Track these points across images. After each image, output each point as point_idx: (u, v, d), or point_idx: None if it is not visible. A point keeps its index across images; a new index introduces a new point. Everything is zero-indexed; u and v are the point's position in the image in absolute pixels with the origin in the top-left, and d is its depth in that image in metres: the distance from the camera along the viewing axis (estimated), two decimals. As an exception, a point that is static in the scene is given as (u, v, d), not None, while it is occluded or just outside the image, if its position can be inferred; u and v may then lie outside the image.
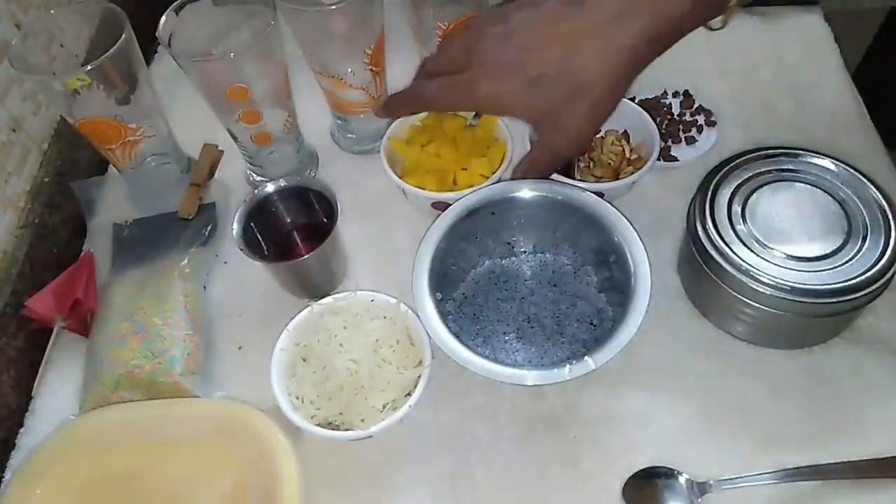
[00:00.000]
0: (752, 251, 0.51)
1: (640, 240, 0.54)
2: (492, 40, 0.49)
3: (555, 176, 0.60)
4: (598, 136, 0.67)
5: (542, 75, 0.47)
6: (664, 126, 0.70)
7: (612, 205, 0.56)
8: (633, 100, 0.68)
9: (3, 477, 0.56)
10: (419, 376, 0.52)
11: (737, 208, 0.54)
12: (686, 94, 0.72)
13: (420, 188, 0.60)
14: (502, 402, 0.56)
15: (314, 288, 0.61)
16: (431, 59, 0.56)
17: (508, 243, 0.62)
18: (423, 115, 0.63)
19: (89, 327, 0.60)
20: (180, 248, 0.63)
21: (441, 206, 0.58)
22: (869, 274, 0.49)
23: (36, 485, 0.53)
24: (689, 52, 0.77)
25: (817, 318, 0.52)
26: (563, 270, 0.61)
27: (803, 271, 0.50)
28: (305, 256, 0.56)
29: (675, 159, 0.68)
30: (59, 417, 0.58)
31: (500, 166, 0.60)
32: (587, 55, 0.46)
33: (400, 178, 0.61)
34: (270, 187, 0.60)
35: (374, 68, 0.64)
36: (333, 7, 0.56)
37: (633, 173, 0.61)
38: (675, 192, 0.64)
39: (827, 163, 0.55)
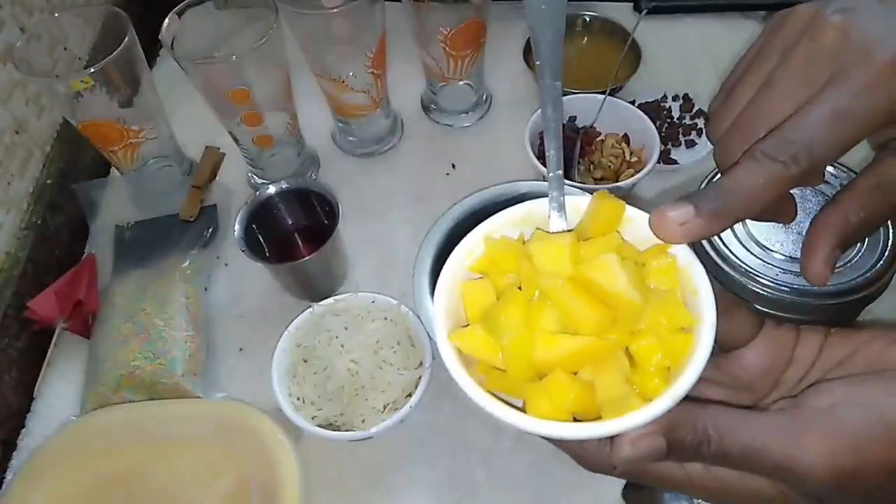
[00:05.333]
0: (751, 253, 0.51)
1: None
2: None
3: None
4: (598, 138, 0.68)
5: None
6: (664, 129, 0.70)
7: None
8: (633, 103, 0.68)
9: (4, 478, 0.56)
10: (420, 377, 0.52)
11: (736, 210, 0.54)
12: (686, 97, 0.73)
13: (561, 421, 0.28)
14: (502, 404, 0.56)
15: (315, 289, 0.61)
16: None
17: (509, 245, 0.62)
18: (471, 255, 0.33)
19: (91, 328, 0.61)
20: (181, 249, 0.64)
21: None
22: (867, 276, 0.49)
23: (37, 485, 0.53)
24: (689, 56, 0.78)
25: (816, 320, 0.52)
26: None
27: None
28: (307, 258, 0.56)
29: (675, 162, 0.68)
30: (61, 418, 0.58)
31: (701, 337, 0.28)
32: None
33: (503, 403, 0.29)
34: (272, 189, 0.60)
35: (375, 71, 0.64)
36: (335, 10, 0.57)
37: (632, 176, 0.61)
38: (674, 195, 0.64)
39: (825, 165, 0.55)
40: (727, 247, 0.52)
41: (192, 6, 0.58)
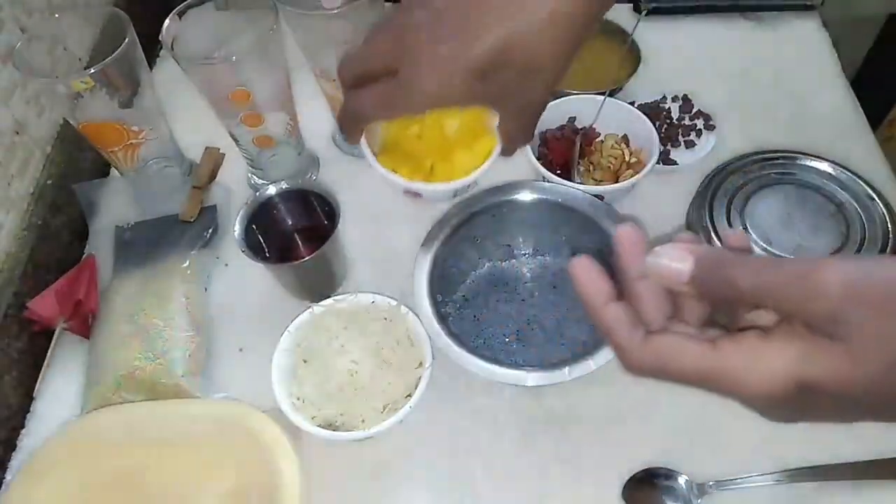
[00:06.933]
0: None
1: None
2: (421, 31, 0.41)
3: (554, 178, 0.60)
4: (598, 139, 0.68)
5: (489, 60, 0.41)
6: (663, 130, 0.70)
7: (611, 207, 0.57)
8: (632, 104, 0.68)
9: (4, 478, 0.56)
10: (419, 378, 0.52)
11: (735, 211, 0.54)
12: (685, 98, 0.73)
13: (392, 171, 0.49)
14: (502, 404, 0.56)
15: (315, 289, 0.61)
16: (350, 62, 0.45)
17: (508, 245, 0.62)
18: None
19: (91, 329, 0.61)
20: (181, 250, 0.64)
21: (414, 195, 0.55)
22: (867, 276, 0.49)
23: (37, 485, 0.53)
24: (689, 57, 0.79)
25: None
26: (562, 272, 0.61)
27: (802, 273, 0.50)
28: (306, 258, 0.56)
29: (675, 163, 0.68)
30: (61, 418, 0.58)
31: (484, 162, 0.50)
32: (530, 29, 0.41)
33: (375, 155, 0.51)
34: (272, 190, 0.60)
35: (375, 72, 0.64)
36: (335, 11, 0.57)
37: (632, 176, 0.61)
38: (674, 196, 0.65)
39: (825, 166, 0.56)
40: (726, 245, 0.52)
41: (193, 7, 0.58)
